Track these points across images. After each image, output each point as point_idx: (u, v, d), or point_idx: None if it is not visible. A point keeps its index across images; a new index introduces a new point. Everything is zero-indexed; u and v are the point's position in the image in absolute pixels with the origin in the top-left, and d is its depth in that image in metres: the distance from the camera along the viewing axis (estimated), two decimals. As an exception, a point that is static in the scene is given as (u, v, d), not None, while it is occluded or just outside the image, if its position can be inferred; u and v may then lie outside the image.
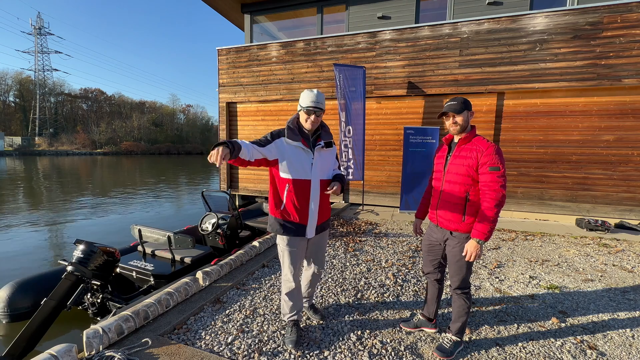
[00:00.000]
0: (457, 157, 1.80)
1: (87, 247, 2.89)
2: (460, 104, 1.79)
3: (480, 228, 1.69)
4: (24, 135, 51.27)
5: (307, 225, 1.97)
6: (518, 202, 6.09)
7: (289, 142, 1.85)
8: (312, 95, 1.83)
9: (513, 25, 5.76)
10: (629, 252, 4.07)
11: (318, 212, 1.97)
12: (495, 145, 1.73)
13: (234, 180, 8.50)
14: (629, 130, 5.42)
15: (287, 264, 2.01)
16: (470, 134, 1.80)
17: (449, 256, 1.91)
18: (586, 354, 2.02)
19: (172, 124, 71.04)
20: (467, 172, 1.74)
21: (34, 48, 56.98)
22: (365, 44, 6.76)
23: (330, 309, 2.52)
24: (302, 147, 1.87)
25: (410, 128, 6.05)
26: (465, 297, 1.90)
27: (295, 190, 1.89)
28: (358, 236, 4.59)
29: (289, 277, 2.02)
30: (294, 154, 1.86)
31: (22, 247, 5.93)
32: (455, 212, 1.81)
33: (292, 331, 2.08)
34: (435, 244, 2.00)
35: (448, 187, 1.83)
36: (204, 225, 4.63)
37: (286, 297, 2.08)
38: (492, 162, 1.68)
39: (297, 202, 1.91)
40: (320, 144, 1.93)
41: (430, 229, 2.04)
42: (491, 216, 1.67)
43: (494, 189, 1.67)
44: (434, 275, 2.08)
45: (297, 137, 1.87)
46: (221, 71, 8.13)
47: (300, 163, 1.87)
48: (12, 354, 2.42)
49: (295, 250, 2.00)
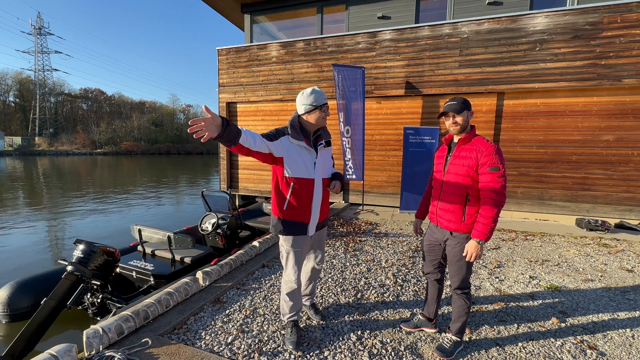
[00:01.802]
0: (457, 157, 1.80)
1: (87, 247, 2.90)
2: (460, 103, 1.79)
3: (481, 228, 1.68)
4: (24, 135, 51.26)
5: (309, 224, 1.99)
6: (518, 202, 6.09)
7: (293, 142, 1.86)
8: (322, 93, 1.90)
9: (513, 25, 5.76)
10: (629, 252, 4.07)
11: (320, 210, 2.02)
12: (495, 145, 1.73)
13: (234, 180, 8.50)
14: (629, 130, 5.42)
15: (290, 265, 2.02)
16: (470, 134, 1.80)
17: (449, 256, 1.91)
18: (586, 354, 2.02)
19: (172, 124, 71.02)
20: (467, 172, 1.74)
21: (34, 48, 57.00)
22: (365, 44, 6.76)
23: (330, 309, 2.52)
24: (306, 147, 1.88)
25: (410, 128, 6.05)
26: (466, 297, 1.90)
27: (299, 189, 1.91)
28: (358, 236, 4.59)
29: (292, 277, 2.02)
30: (298, 153, 1.87)
31: (22, 247, 5.93)
32: (455, 212, 1.81)
33: (292, 332, 2.07)
34: (435, 244, 1.99)
35: (448, 187, 1.83)
36: (204, 225, 4.63)
37: (287, 297, 2.08)
38: (492, 162, 1.68)
39: (301, 201, 1.93)
40: (322, 143, 1.96)
41: (430, 229, 2.04)
42: (491, 216, 1.66)
43: (494, 189, 1.66)
44: (434, 275, 2.08)
45: (300, 136, 1.87)
46: (221, 71, 8.13)
47: (304, 162, 1.89)
48: (12, 354, 2.42)
49: (300, 250, 2.02)
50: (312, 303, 2.42)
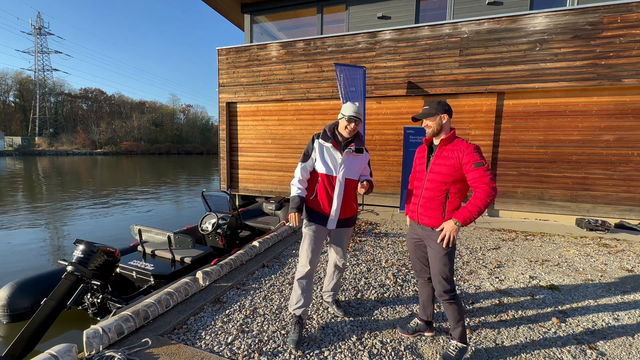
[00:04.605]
0: (439, 157, 1.89)
1: (87, 247, 2.89)
2: (432, 108, 1.90)
3: (463, 212, 1.76)
4: (24, 135, 51.23)
5: (329, 217, 2.16)
6: (518, 202, 6.09)
7: (322, 143, 2.14)
8: (354, 107, 2.12)
9: (513, 25, 5.76)
10: (629, 252, 4.07)
11: (341, 206, 2.15)
12: (475, 145, 1.83)
13: (234, 180, 8.50)
14: (629, 130, 5.42)
15: (305, 247, 2.17)
16: (451, 136, 1.88)
17: (430, 255, 1.93)
18: (586, 354, 2.02)
19: (172, 124, 70.99)
20: (449, 172, 1.82)
21: (34, 48, 56.95)
22: (365, 44, 6.76)
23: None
24: (332, 147, 2.14)
25: (410, 128, 6.05)
26: (454, 302, 1.88)
27: (324, 183, 2.15)
28: (358, 236, 4.59)
29: (305, 260, 2.15)
30: (325, 152, 2.15)
31: (22, 247, 5.92)
32: (436, 209, 1.88)
33: (295, 330, 2.09)
34: (419, 241, 2.04)
35: (430, 185, 1.91)
36: (204, 225, 4.63)
37: (297, 283, 2.16)
38: (474, 159, 1.76)
39: (325, 194, 2.15)
40: (351, 149, 2.13)
41: (412, 228, 2.09)
42: (479, 206, 1.72)
43: (484, 182, 1.73)
44: (424, 273, 2.09)
45: (329, 139, 2.15)
46: (221, 71, 8.13)
47: (330, 161, 2.13)
48: (12, 354, 2.41)
49: (316, 235, 2.17)
50: (335, 299, 2.51)
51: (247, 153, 8.28)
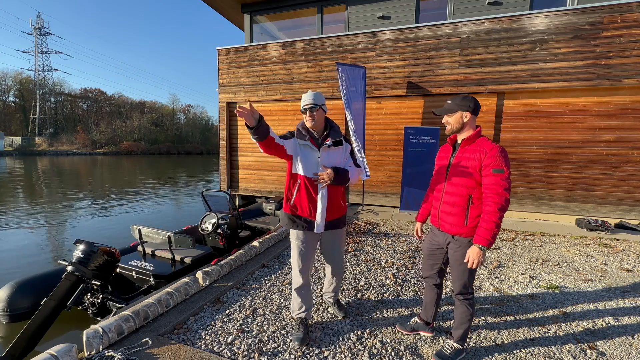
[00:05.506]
0: (461, 158, 1.74)
1: (87, 247, 2.89)
2: (454, 104, 1.75)
3: (483, 233, 1.61)
4: (24, 135, 51.22)
5: (315, 220, 2.03)
6: (518, 202, 6.09)
7: (299, 141, 2.00)
8: (307, 95, 1.98)
9: (513, 25, 5.76)
10: (629, 252, 4.07)
11: (327, 208, 2.02)
12: (501, 147, 1.65)
13: (234, 180, 8.50)
14: (629, 130, 5.42)
15: (295, 258, 2.11)
16: (475, 135, 1.72)
17: (451, 260, 1.85)
18: (586, 354, 2.02)
19: (172, 124, 70.94)
20: (470, 174, 1.68)
21: (34, 48, 56.96)
22: (365, 44, 6.76)
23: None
24: (310, 145, 1.99)
25: (410, 128, 6.05)
26: (468, 303, 1.84)
27: (304, 185, 2.00)
28: (358, 236, 4.59)
29: (297, 272, 2.11)
30: (303, 151, 2.00)
31: (22, 247, 5.92)
32: (457, 215, 1.75)
33: (299, 328, 2.11)
34: (437, 248, 1.93)
35: (450, 189, 1.77)
36: (204, 225, 4.63)
37: (295, 292, 2.15)
38: (496, 163, 1.60)
39: (306, 197, 2.01)
40: (327, 143, 1.99)
41: (432, 232, 1.98)
42: (494, 221, 1.58)
43: (497, 192, 1.58)
44: (432, 279, 2.04)
45: (304, 136, 2.00)
46: (221, 71, 8.13)
47: (308, 160, 1.99)
48: (12, 354, 2.41)
49: (304, 244, 2.07)
50: (336, 300, 2.47)
51: (247, 153, 8.28)
